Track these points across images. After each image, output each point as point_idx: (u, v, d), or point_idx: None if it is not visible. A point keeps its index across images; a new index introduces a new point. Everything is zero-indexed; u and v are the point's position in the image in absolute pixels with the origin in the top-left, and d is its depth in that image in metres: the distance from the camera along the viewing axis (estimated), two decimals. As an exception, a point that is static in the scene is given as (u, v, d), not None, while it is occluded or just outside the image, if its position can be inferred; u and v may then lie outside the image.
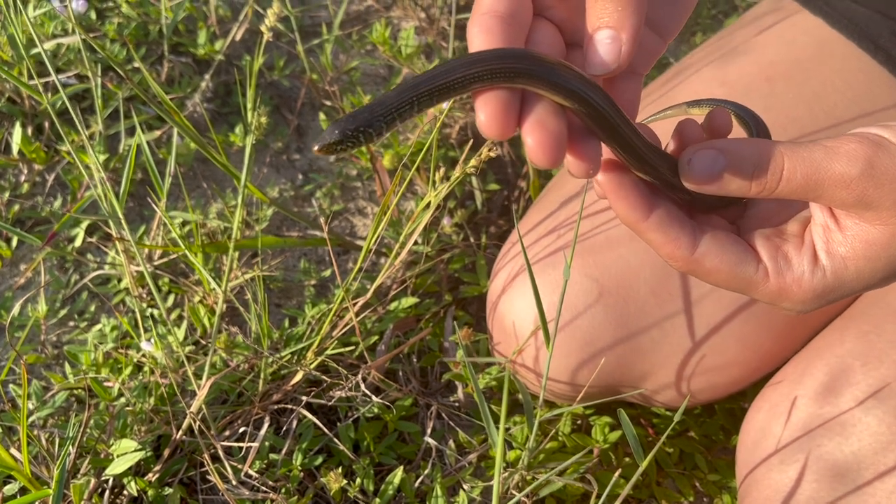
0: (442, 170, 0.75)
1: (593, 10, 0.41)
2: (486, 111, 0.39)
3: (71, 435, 0.67)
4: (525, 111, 0.40)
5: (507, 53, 0.40)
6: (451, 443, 0.85)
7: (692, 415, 0.90)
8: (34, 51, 0.98)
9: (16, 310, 0.88)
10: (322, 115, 1.10)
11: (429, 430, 0.84)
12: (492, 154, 0.64)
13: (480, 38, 0.41)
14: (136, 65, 1.08)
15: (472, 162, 0.67)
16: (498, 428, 0.60)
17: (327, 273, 0.97)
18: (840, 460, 0.62)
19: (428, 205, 0.76)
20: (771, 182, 0.43)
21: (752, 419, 0.70)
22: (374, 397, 0.80)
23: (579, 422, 0.88)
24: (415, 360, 0.90)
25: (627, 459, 0.85)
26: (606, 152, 0.45)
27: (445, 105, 0.95)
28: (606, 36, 0.41)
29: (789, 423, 0.66)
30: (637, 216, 0.45)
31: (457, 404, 0.88)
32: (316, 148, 0.40)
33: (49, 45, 1.02)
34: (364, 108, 0.39)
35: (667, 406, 0.82)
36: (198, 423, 0.73)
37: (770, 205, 0.50)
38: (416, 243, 0.97)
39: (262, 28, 0.73)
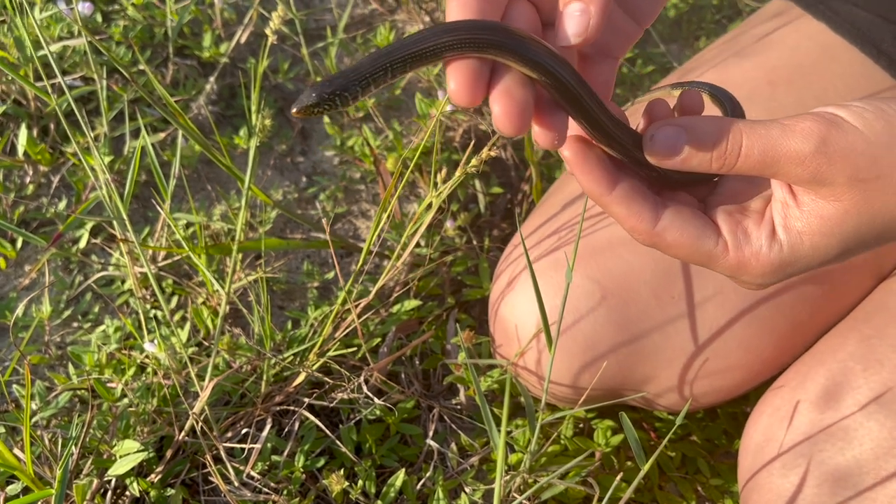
0: (444, 171, 0.75)
1: None
2: (456, 78, 0.41)
3: (74, 435, 0.67)
4: (494, 81, 0.42)
5: (479, 25, 0.42)
6: (452, 445, 0.85)
7: (694, 419, 0.90)
8: (40, 53, 0.99)
9: (20, 310, 0.88)
10: (326, 119, 1.10)
11: (431, 433, 0.84)
12: (492, 154, 0.64)
13: (456, 10, 0.43)
14: (142, 67, 1.09)
15: (473, 161, 0.67)
16: (500, 430, 0.61)
17: (330, 275, 0.98)
18: (842, 465, 0.62)
19: (430, 205, 0.76)
20: (730, 157, 0.45)
21: (754, 424, 0.70)
22: (376, 399, 0.80)
23: (581, 425, 0.88)
24: (417, 362, 0.90)
25: (629, 463, 0.85)
26: (576, 128, 0.48)
27: (442, 96, 0.95)
28: (576, 9, 0.43)
29: (791, 428, 0.66)
30: (601, 189, 0.47)
31: (459, 407, 0.88)
32: (294, 110, 0.42)
33: (55, 47, 1.02)
34: (340, 73, 0.42)
35: (669, 410, 0.82)
36: (200, 424, 0.73)
37: (737, 184, 0.51)
38: (418, 245, 0.97)
39: (267, 31, 0.73)
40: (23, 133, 0.97)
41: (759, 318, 0.74)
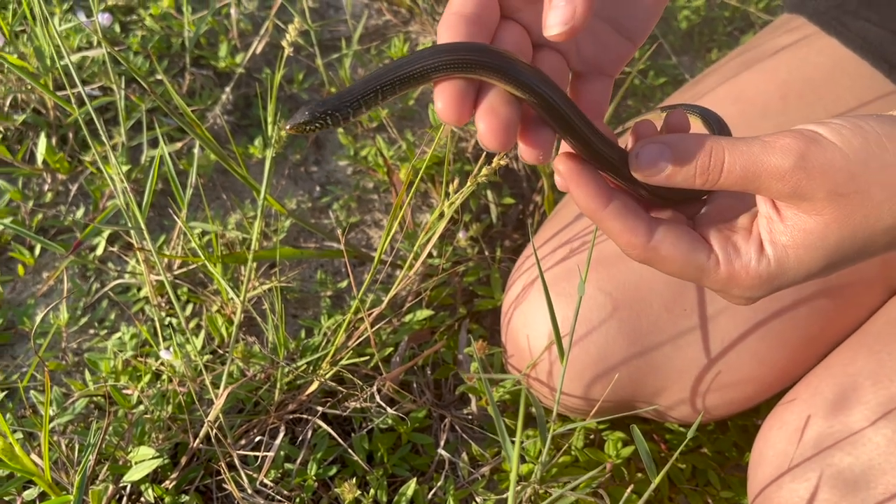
0: (456, 181, 0.76)
1: None
2: (443, 98, 0.43)
3: (92, 442, 0.68)
4: (479, 100, 0.44)
5: (465, 46, 0.44)
6: (464, 455, 0.85)
7: (705, 431, 0.90)
8: (60, 63, 1.00)
9: (38, 317, 0.89)
10: (340, 129, 1.11)
11: (442, 443, 0.85)
12: (503, 163, 0.64)
13: (446, 35, 0.45)
14: (159, 77, 1.10)
15: (484, 171, 0.68)
16: (513, 442, 0.61)
17: (343, 284, 0.99)
18: (850, 478, 0.62)
19: (442, 215, 0.77)
20: (713, 173, 0.46)
21: (764, 437, 0.70)
22: (388, 409, 0.80)
23: (592, 436, 0.88)
24: (429, 372, 0.90)
25: (640, 475, 0.86)
26: (568, 146, 0.49)
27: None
28: (561, 0, 0.43)
29: (801, 441, 0.66)
30: (596, 205, 0.48)
31: (470, 417, 0.88)
32: (287, 127, 0.44)
33: (74, 57, 1.04)
34: (334, 94, 0.44)
35: (681, 422, 0.82)
36: (214, 431, 0.74)
37: (724, 201, 0.53)
38: (431, 256, 0.98)
39: (283, 43, 0.74)
40: (42, 142, 0.99)
41: (772, 330, 0.74)
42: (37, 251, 0.96)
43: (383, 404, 0.80)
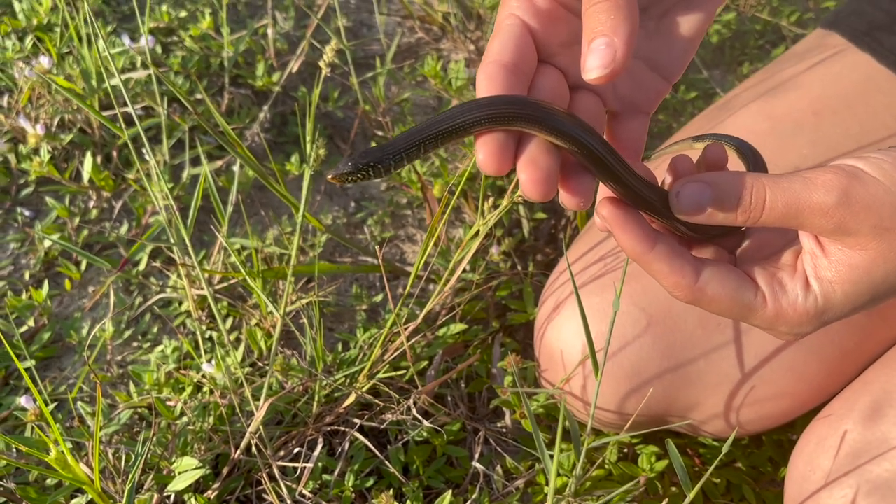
0: (490, 199, 0.77)
1: (588, 21, 0.44)
2: (484, 151, 0.44)
3: (139, 452, 0.70)
4: (520, 150, 0.45)
5: (504, 100, 0.45)
6: (498, 468, 0.86)
7: (739, 446, 0.90)
8: (108, 84, 1.04)
9: (84, 330, 0.92)
10: (374, 145, 1.13)
11: (476, 455, 0.86)
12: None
13: (485, 84, 0.46)
14: (200, 96, 1.13)
15: (519, 191, 0.69)
16: (551, 456, 0.62)
17: (378, 298, 1.00)
18: (888, 487, 0.62)
19: (476, 233, 0.78)
20: (755, 211, 0.46)
21: (800, 453, 0.70)
22: (424, 421, 0.82)
23: (625, 450, 0.88)
24: (463, 385, 0.92)
25: (674, 489, 0.86)
26: (607, 190, 0.49)
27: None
28: (601, 42, 0.43)
29: (837, 457, 0.66)
30: (642, 248, 0.48)
31: (504, 430, 0.89)
32: (329, 176, 0.46)
33: (121, 78, 1.07)
34: (378, 147, 0.46)
35: (715, 436, 0.82)
36: (255, 442, 0.76)
37: (764, 235, 0.53)
38: (464, 271, 0.99)
39: (321, 64, 0.76)
40: (88, 161, 1.02)
41: (807, 345, 0.75)
42: (83, 266, 0.99)
43: (419, 417, 0.82)
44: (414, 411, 0.81)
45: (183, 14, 1.24)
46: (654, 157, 0.82)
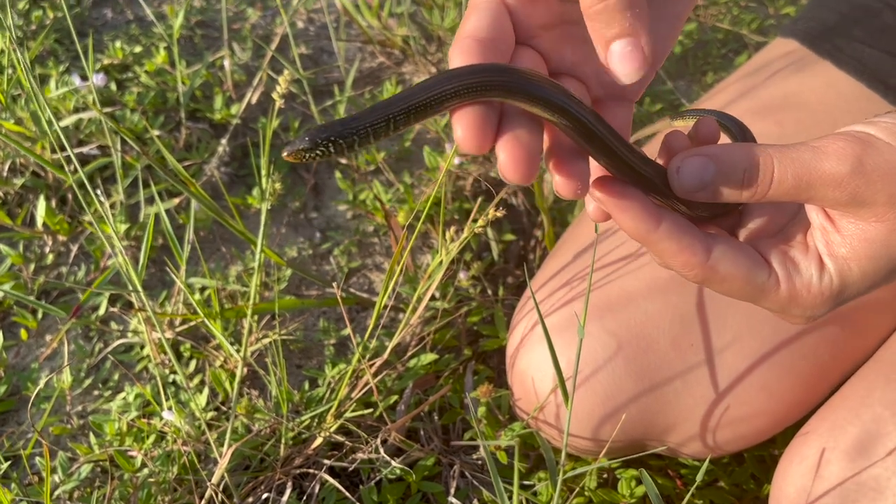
0: (452, 229, 0.75)
1: (598, 22, 0.40)
2: (463, 125, 0.39)
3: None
4: (501, 126, 0.40)
5: (485, 67, 0.40)
6: (475, 502, 0.84)
7: (720, 464, 0.88)
8: (57, 125, 1.01)
9: (42, 382, 0.89)
10: (338, 174, 1.11)
11: (452, 490, 0.83)
12: (498, 214, 0.64)
13: (459, 59, 0.41)
14: (157, 132, 1.11)
15: (480, 222, 0.67)
16: (510, 496, 0.60)
17: (346, 331, 0.98)
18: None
19: (441, 262, 0.76)
20: (762, 185, 0.43)
21: (783, 474, 0.68)
22: (393, 461, 0.79)
23: (605, 475, 0.86)
24: (436, 417, 0.89)
25: (656, 513, 0.84)
26: (598, 170, 0.45)
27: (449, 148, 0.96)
28: (626, 44, 0.40)
29: (822, 478, 0.64)
30: (647, 226, 0.44)
31: (480, 462, 0.87)
32: (285, 154, 0.40)
33: (70, 120, 1.04)
34: (339, 120, 0.39)
35: (694, 457, 0.80)
36: (220, 495, 0.73)
37: (764, 210, 0.50)
38: (433, 298, 0.97)
39: (274, 96, 0.74)
40: (41, 205, 0.99)
41: (780, 362, 0.73)
42: (39, 315, 0.96)
43: (388, 458, 0.79)
44: (382, 451, 0.79)
45: (137, 49, 1.22)
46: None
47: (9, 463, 0.81)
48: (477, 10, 0.44)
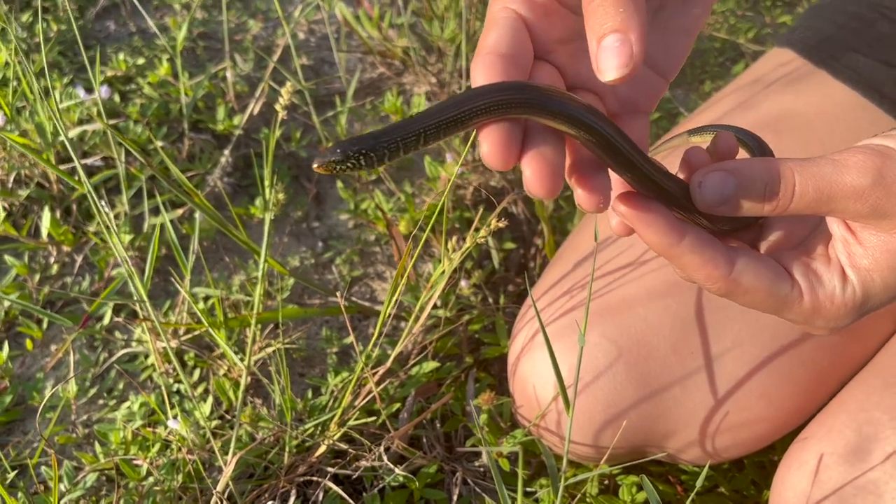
0: (454, 239, 0.76)
1: (593, 18, 0.41)
2: (489, 142, 0.40)
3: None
4: (526, 143, 0.41)
5: (510, 86, 0.41)
6: (478, 509, 0.84)
7: (721, 470, 0.88)
8: (62, 137, 1.02)
9: (47, 391, 0.90)
10: (340, 184, 1.12)
11: (455, 497, 0.84)
12: (501, 225, 0.65)
13: (482, 74, 0.42)
14: (160, 143, 1.12)
15: (482, 232, 0.68)
16: (513, 502, 0.60)
17: (349, 340, 0.99)
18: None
19: (443, 272, 0.77)
20: (784, 199, 0.44)
21: (782, 479, 0.69)
22: (396, 468, 0.80)
23: (606, 482, 0.87)
24: (438, 425, 0.90)
25: (658, 519, 0.84)
26: (621, 184, 0.46)
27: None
28: (615, 39, 0.40)
29: (821, 483, 0.65)
30: (670, 240, 0.45)
31: (482, 469, 0.87)
32: (315, 165, 0.41)
33: (75, 132, 1.06)
34: (371, 133, 0.41)
35: (694, 464, 0.81)
36: (224, 503, 0.74)
37: (785, 224, 0.50)
38: (434, 307, 0.98)
39: (277, 107, 0.75)
40: (46, 216, 1.00)
41: (779, 368, 0.74)
42: (45, 325, 0.97)
43: (391, 465, 0.80)
44: (385, 459, 0.79)
45: (140, 61, 1.23)
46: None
47: (15, 472, 0.82)
48: (497, 25, 0.45)
